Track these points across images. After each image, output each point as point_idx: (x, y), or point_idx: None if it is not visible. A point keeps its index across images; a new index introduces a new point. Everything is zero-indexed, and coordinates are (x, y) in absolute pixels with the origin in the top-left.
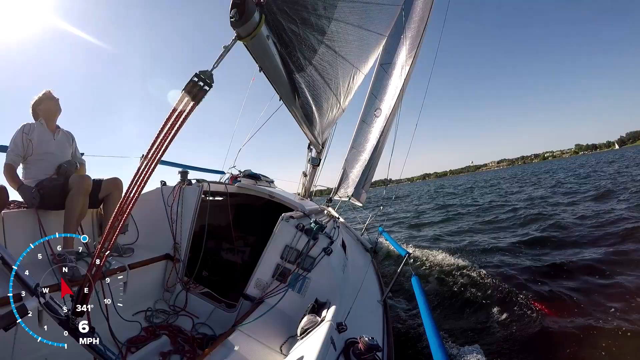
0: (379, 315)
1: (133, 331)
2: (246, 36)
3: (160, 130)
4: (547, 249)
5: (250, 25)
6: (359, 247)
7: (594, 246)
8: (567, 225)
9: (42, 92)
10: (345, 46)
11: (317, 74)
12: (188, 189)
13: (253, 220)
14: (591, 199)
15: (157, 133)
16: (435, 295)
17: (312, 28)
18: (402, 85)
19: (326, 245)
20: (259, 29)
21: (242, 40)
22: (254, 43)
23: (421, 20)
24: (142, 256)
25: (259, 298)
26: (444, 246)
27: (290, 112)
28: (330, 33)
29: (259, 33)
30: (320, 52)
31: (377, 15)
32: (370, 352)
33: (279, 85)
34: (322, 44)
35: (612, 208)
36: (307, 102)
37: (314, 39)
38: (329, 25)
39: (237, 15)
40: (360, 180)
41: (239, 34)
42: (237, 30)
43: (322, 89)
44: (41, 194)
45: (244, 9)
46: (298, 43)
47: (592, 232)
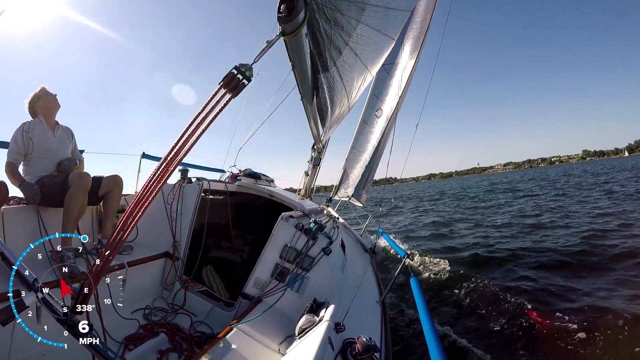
0: (377, 315)
1: (131, 329)
2: (290, 33)
3: (191, 122)
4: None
5: (295, 23)
6: (358, 248)
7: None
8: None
9: (38, 89)
10: (364, 49)
11: (338, 75)
12: (188, 187)
13: (252, 219)
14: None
15: (187, 126)
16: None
17: (342, 29)
18: (404, 86)
19: (325, 245)
20: (302, 26)
21: (285, 37)
22: (294, 41)
23: (423, 21)
24: (141, 254)
25: (258, 297)
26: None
27: (305, 110)
28: (354, 36)
29: (301, 31)
30: (344, 53)
31: (393, 20)
32: (368, 353)
33: (303, 84)
34: (347, 45)
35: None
36: (325, 102)
37: (341, 40)
38: (355, 28)
39: (286, 12)
40: (360, 180)
41: (283, 30)
42: (283, 26)
43: (338, 89)
44: (42, 191)
45: (293, 6)
46: (328, 44)
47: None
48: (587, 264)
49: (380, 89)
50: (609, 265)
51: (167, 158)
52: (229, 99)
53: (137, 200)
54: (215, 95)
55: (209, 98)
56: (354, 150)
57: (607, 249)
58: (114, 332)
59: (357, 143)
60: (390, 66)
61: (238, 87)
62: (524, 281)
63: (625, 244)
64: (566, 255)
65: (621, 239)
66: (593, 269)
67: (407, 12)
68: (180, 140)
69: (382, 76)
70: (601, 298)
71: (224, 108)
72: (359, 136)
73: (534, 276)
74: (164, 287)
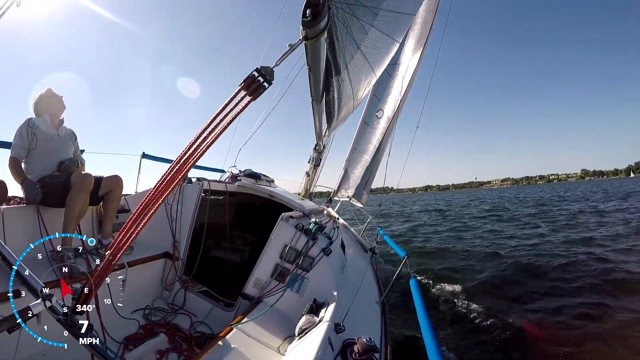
0: (377, 316)
1: (131, 329)
2: (312, 37)
3: (208, 124)
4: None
5: (318, 28)
6: (358, 248)
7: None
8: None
9: (45, 90)
10: (373, 52)
11: (348, 78)
12: (188, 187)
13: (253, 220)
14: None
15: (204, 127)
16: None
17: (356, 34)
18: (406, 87)
19: (325, 245)
20: (324, 31)
21: (308, 41)
22: (315, 45)
23: (425, 22)
24: (141, 254)
25: (258, 297)
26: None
27: (312, 108)
28: (366, 40)
29: (322, 36)
30: (356, 57)
31: (400, 24)
32: (368, 353)
33: (316, 86)
34: (359, 49)
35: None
36: (333, 104)
37: (354, 44)
38: (367, 32)
39: (311, 16)
40: (361, 181)
41: (307, 34)
42: (306, 30)
43: (347, 92)
44: (43, 190)
45: (318, 11)
46: (343, 48)
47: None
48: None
49: (381, 90)
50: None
51: (180, 160)
52: (249, 101)
53: (147, 201)
54: (234, 97)
55: (227, 99)
56: (354, 151)
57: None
58: (114, 332)
59: (357, 143)
60: (391, 67)
61: (258, 90)
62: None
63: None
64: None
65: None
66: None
67: (412, 16)
68: (195, 141)
69: (383, 77)
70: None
71: (243, 111)
72: (359, 137)
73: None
74: (164, 287)
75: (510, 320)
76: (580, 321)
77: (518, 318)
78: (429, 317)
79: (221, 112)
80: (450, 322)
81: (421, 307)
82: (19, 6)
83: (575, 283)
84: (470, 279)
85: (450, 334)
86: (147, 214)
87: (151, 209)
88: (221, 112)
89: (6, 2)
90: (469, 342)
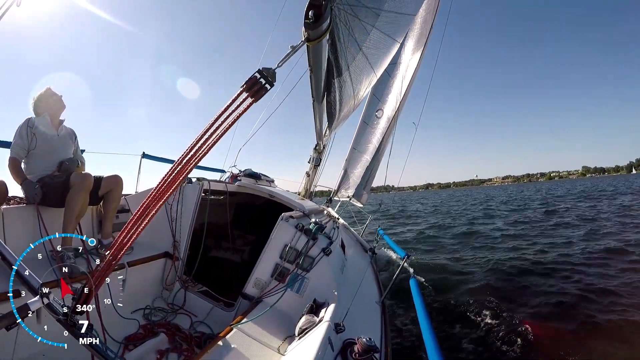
0: (377, 316)
1: (131, 329)
2: (314, 39)
3: (209, 126)
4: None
5: (320, 30)
6: (358, 248)
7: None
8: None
9: (44, 89)
10: (374, 53)
11: (349, 79)
12: (188, 187)
13: (253, 220)
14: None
15: (205, 129)
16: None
17: (358, 35)
18: (406, 87)
19: (325, 245)
20: (326, 33)
21: (310, 43)
22: (317, 46)
23: (424, 22)
24: (141, 254)
25: (258, 297)
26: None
27: (313, 108)
28: (368, 41)
29: (324, 37)
30: (358, 58)
31: (400, 25)
32: (368, 353)
33: (317, 87)
34: (361, 51)
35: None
36: (334, 105)
37: (356, 45)
38: (369, 34)
39: (314, 18)
40: (361, 180)
41: (309, 36)
42: (308, 32)
43: (348, 92)
44: (43, 190)
45: (321, 12)
46: (345, 49)
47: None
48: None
49: (380, 90)
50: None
51: (182, 161)
52: (250, 103)
53: (149, 201)
54: (236, 98)
55: (229, 101)
56: (354, 151)
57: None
58: (114, 332)
59: (357, 143)
60: (390, 67)
61: (260, 92)
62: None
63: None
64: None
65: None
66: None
67: (413, 16)
68: (197, 143)
69: (383, 77)
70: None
71: (244, 113)
72: (359, 136)
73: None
74: (164, 287)
75: (514, 321)
76: (585, 321)
77: (525, 317)
78: (429, 317)
79: (223, 114)
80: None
81: (421, 307)
82: (19, 6)
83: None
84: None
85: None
86: (148, 215)
87: (152, 210)
88: (223, 113)
89: (6, 2)
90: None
